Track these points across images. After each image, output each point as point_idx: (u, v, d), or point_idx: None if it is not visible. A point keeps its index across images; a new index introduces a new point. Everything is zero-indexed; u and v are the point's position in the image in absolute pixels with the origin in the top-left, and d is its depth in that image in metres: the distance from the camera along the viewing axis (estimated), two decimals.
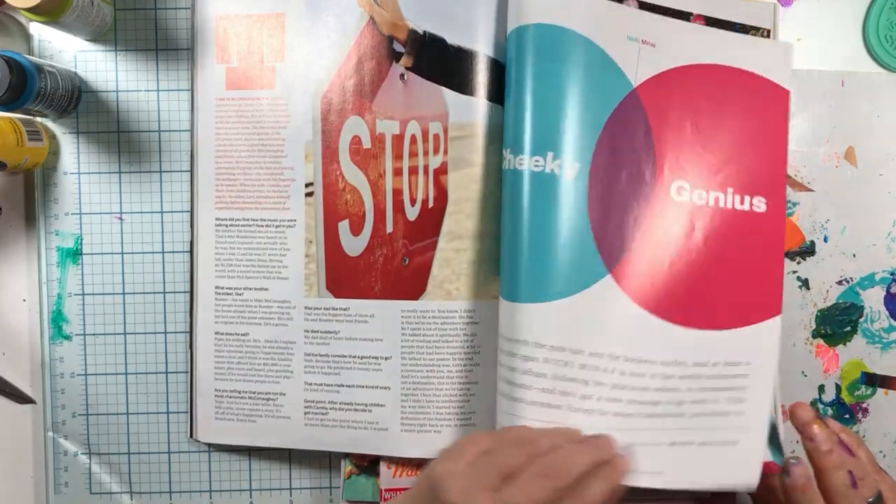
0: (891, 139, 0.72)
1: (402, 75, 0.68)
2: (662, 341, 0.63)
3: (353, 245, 0.69)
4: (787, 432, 0.67)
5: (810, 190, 0.72)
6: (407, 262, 0.68)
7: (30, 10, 0.62)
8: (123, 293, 0.73)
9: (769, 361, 0.64)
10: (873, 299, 0.73)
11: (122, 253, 0.72)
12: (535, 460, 0.54)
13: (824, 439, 0.58)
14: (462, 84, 0.67)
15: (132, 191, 0.72)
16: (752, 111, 0.66)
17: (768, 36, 0.69)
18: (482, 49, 0.67)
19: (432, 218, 0.68)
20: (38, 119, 0.71)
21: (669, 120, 0.65)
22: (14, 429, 0.73)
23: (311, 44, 0.69)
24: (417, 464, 0.70)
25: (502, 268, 0.64)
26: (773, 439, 0.64)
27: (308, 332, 0.70)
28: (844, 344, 0.73)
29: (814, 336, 0.73)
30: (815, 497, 0.57)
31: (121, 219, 0.72)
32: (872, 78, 0.72)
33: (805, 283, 0.73)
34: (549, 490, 0.52)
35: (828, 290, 0.73)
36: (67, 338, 0.73)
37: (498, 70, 0.67)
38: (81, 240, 0.72)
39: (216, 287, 0.71)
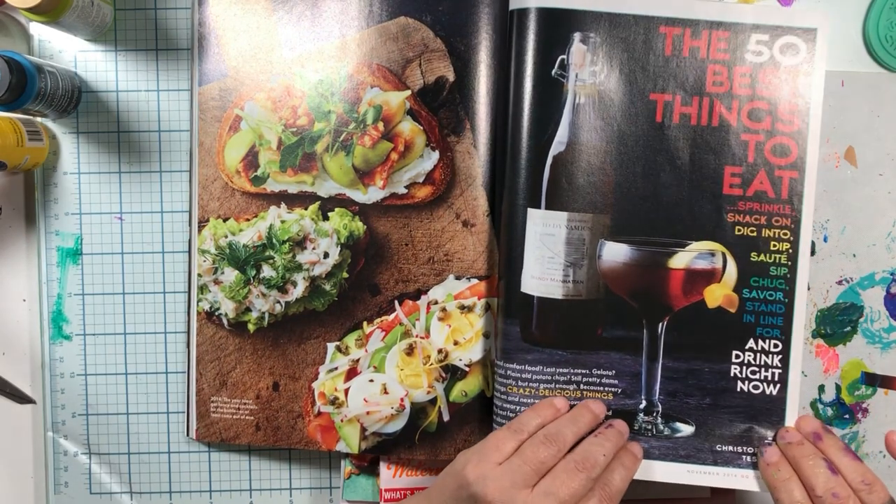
0: (891, 139, 0.72)
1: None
2: None
3: None
4: None
5: None
6: None
7: (30, 10, 0.62)
8: (123, 293, 0.73)
9: None
10: (873, 299, 0.73)
11: (122, 253, 0.73)
12: (566, 454, 0.58)
13: (794, 434, 0.63)
14: None
15: (132, 191, 0.72)
16: None
17: None
18: None
19: None
20: (38, 119, 0.71)
21: None
22: (14, 429, 0.73)
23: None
24: (417, 464, 0.70)
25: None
26: None
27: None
28: (844, 344, 0.73)
29: (814, 336, 0.73)
30: (790, 478, 0.60)
31: (121, 219, 0.72)
32: (872, 78, 0.72)
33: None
34: (583, 480, 0.57)
35: (828, 290, 0.73)
36: (67, 338, 0.73)
37: None
38: (81, 240, 0.72)
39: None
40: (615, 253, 0.64)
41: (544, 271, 0.64)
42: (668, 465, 0.64)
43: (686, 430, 0.65)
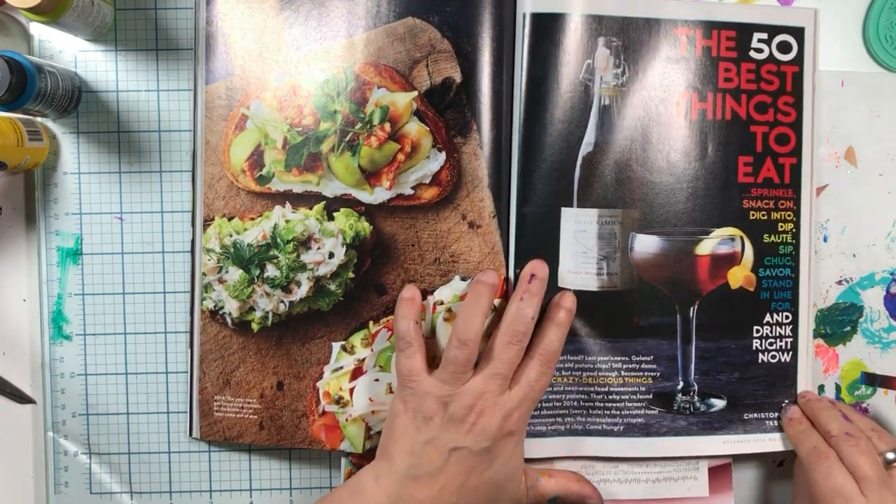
0: (891, 139, 0.72)
1: None
2: None
3: None
4: None
5: None
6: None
7: (30, 10, 0.61)
8: (123, 293, 0.73)
9: None
10: (873, 299, 0.73)
11: (123, 253, 0.72)
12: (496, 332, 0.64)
13: (813, 393, 0.71)
14: None
15: (132, 191, 0.72)
16: None
17: None
18: None
19: None
20: (38, 119, 0.71)
21: None
22: (14, 429, 0.73)
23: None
24: None
25: None
26: None
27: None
28: (844, 344, 0.73)
29: (814, 336, 0.73)
30: (808, 429, 0.67)
31: (121, 219, 0.72)
32: (872, 78, 0.72)
33: None
34: (517, 350, 0.63)
35: (828, 290, 0.73)
36: (67, 338, 0.72)
37: None
38: (81, 240, 0.72)
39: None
40: (646, 245, 0.68)
41: (579, 265, 0.68)
42: (707, 438, 0.70)
43: (719, 404, 0.70)
